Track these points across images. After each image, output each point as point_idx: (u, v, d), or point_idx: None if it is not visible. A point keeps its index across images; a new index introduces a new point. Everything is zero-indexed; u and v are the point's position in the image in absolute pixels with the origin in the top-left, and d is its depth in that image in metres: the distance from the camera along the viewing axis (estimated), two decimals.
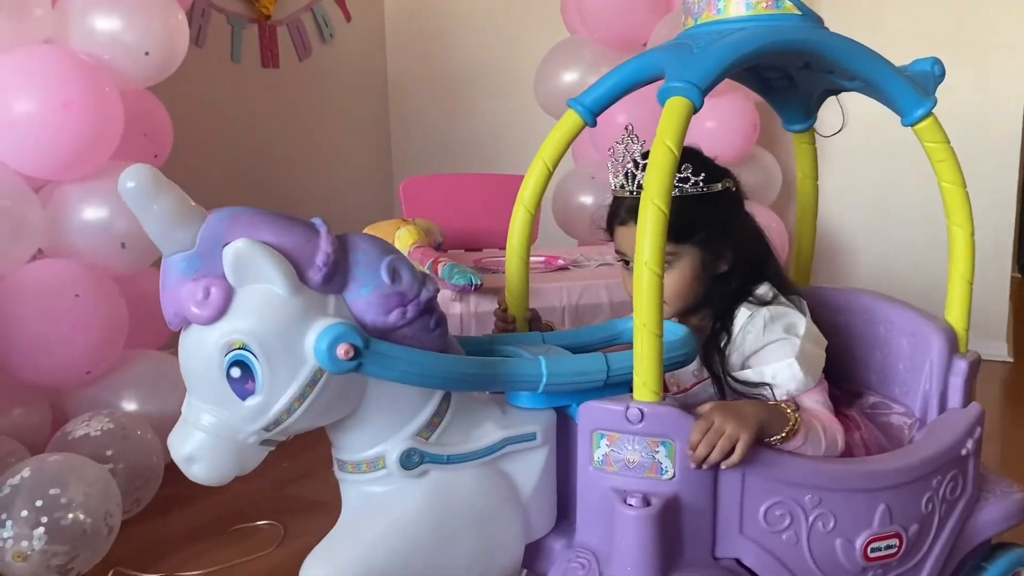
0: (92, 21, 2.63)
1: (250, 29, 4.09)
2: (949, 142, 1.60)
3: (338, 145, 4.55)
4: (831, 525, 1.46)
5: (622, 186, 1.61)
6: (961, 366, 1.64)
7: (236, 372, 1.28)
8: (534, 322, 1.76)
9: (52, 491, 2.23)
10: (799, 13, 1.51)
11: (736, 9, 1.51)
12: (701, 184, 1.56)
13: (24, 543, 2.19)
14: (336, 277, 1.31)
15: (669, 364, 1.49)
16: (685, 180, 1.55)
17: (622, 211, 1.64)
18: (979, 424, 1.61)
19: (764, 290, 1.64)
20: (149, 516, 2.65)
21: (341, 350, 1.26)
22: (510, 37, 4.45)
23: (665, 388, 1.73)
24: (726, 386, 1.63)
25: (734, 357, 1.61)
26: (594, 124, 1.66)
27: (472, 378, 1.39)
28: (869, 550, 1.49)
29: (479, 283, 2.59)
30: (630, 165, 1.58)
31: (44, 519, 2.20)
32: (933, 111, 1.58)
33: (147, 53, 2.67)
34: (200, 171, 3.51)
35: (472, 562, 1.42)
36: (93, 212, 2.63)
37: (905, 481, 1.51)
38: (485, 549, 1.43)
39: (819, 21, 1.55)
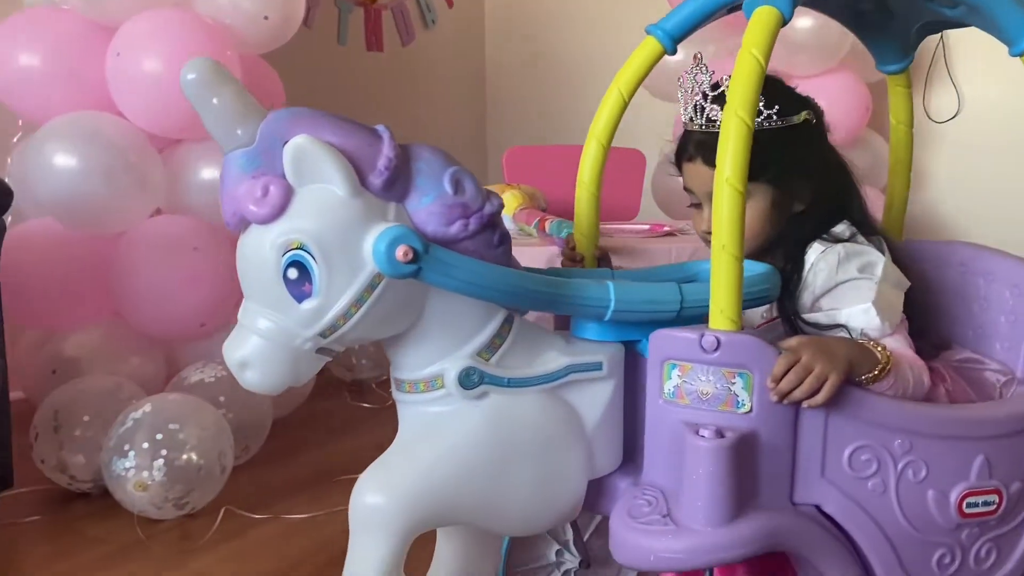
0: None
1: (356, 13, 4.04)
2: None
3: (436, 127, 4.43)
4: (923, 474, 1.26)
5: (691, 119, 1.44)
6: None
7: (293, 273, 1.16)
8: (603, 261, 1.59)
9: (171, 426, 2.24)
10: None
11: None
12: (775, 117, 1.38)
13: (144, 473, 2.19)
14: (397, 183, 1.19)
15: (749, 300, 1.32)
16: (757, 114, 1.35)
17: (690, 146, 1.47)
18: None
19: (841, 228, 1.45)
20: (257, 464, 2.62)
21: (400, 252, 1.14)
22: (610, 20, 4.25)
23: None
24: (798, 329, 1.43)
25: (804, 296, 1.42)
26: (674, 51, 1.48)
27: (535, 295, 1.25)
28: (965, 505, 1.28)
29: None
30: (699, 97, 1.41)
31: (163, 452, 2.21)
32: None
33: (266, 17, 2.62)
34: None
35: (531, 491, 1.28)
36: (211, 172, 2.57)
37: (1006, 432, 1.30)
38: (545, 479, 1.28)
39: None
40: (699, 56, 1.42)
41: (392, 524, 1.20)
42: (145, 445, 2.20)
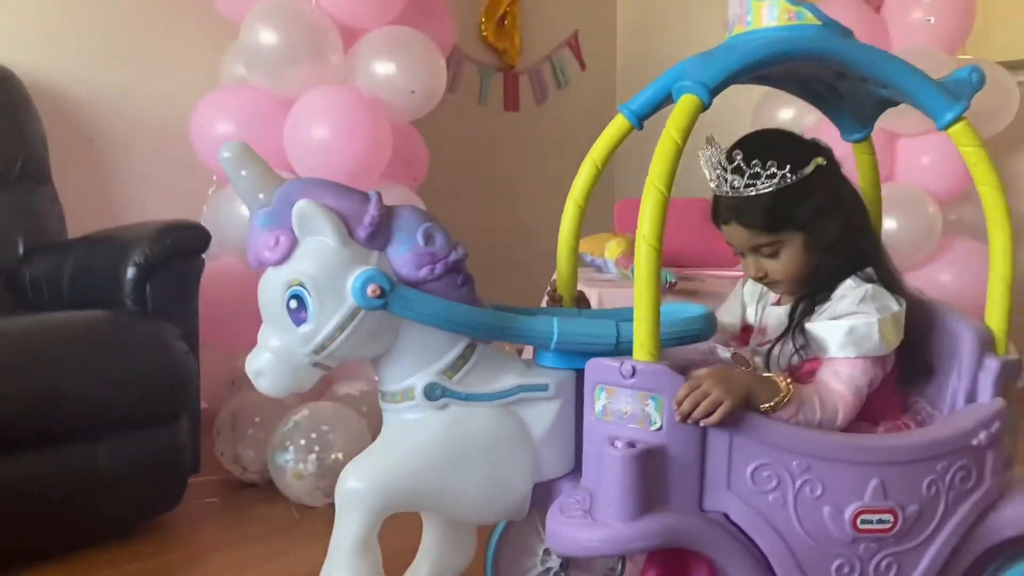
0: (373, 66, 2.87)
1: (496, 77, 4.26)
2: (983, 147, 1.49)
3: (566, 179, 4.55)
4: (819, 492, 1.39)
5: (718, 187, 1.55)
6: (992, 365, 1.48)
7: (294, 304, 1.44)
8: (581, 302, 1.76)
9: (323, 427, 2.54)
10: (820, 24, 1.47)
11: (763, 22, 1.49)
12: (789, 177, 1.47)
13: (301, 466, 2.51)
14: (380, 236, 1.45)
15: (681, 337, 1.50)
16: (772, 176, 1.47)
17: (723, 211, 1.58)
18: (998, 418, 1.44)
19: (871, 272, 1.54)
20: None
21: (370, 289, 1.40)
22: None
23: (745, 341, 1.67)
24: (790, 339, 1.53)
25: (823, 317, 1.51)
26: (640, 127, 1.68)
27: (486, 327, 1.47)
28: (859, 521, 1.40)
29: (674, 281, 2.54)
30: (719, 170, 1.53)
31: (316, 448, 2.51)
32: (965, 115, 1.48)
33: (413, 92, 2.89)
34: (449, 195, 3.72)
35: (481, 485, 1.49)
36: None
37: (901, 460, 1.41)
38: (494, 476, 1.49)
39: (845, 32, 1.48)
40: (709, 137, 1.56)
41: (367, 504, 1.44)
42: (302, 442, 2.51)
